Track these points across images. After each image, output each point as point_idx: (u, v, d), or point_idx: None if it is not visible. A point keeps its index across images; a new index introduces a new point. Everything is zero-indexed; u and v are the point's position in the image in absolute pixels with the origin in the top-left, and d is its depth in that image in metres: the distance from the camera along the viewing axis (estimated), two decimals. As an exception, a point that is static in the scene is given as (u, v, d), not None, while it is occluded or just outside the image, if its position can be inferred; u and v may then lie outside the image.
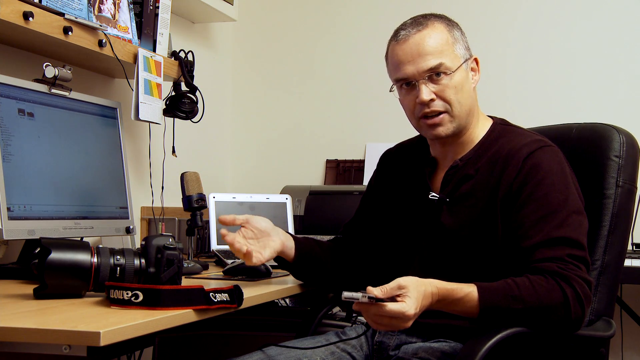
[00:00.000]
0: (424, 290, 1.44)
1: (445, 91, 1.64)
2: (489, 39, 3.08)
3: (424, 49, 1.64)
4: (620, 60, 3.00)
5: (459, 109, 1.66)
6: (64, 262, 1.41)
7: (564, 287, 1.46)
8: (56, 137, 1.94)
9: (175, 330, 1.48)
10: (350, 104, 3.35)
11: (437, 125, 1.67)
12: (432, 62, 1.64)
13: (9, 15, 1.81)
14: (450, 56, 1.65)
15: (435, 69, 1.64)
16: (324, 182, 3.31)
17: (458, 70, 1.65)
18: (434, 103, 1.65)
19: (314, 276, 1.83)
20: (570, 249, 1.51)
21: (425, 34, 1.65)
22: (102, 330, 1.13)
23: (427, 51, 1.64)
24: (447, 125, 1.67)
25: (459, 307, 1.49)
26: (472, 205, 1.64)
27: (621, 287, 2.72)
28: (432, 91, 1.64)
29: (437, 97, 1.65)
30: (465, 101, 1.67)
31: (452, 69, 1.64)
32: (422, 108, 1.66)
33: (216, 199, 2.38)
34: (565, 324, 1.47)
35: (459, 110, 1.66)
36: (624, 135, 1.75)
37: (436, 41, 1.65)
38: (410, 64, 1.65)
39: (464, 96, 1.67)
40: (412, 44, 1.65)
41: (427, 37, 1.65)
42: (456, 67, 1.65)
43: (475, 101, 1.72)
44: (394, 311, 1.39)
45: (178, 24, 2.99)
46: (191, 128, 2.85)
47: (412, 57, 1.65)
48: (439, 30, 1.67)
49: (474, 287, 1.49)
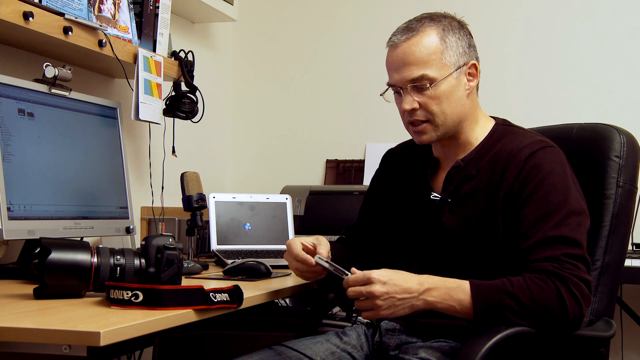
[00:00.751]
0: (407, 273, 1.52)
1: (428, 102, 1.65)
2: (489, 39, 3.08)
3: (408, 59, 1.64)
4: (620, 60, 3.00)
5: (443, 118, 1.66)
6: (64, 262, 1.40)
7: (559, 286, 1.46)
8: (56, 137, 1.94)
9: (175, 330, 1.48)
10: (350, 104, 3.35)
11: (420, 133, 1.68)
12: (415, 72, 1.63)
13: (9, 15, 1.81)
14: (436, 66, 1.63)
15: (417, 80, 1.63)
16: (324, 182, 3.31)
17: (445, 80, 1.64)
18: (417, 112, 1.66)
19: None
20: (567, 248, 1.51)
21: (413, 42, 1.64)
22: (102, 330, 1.13)
23: (410, 61, 1.64)
24: (430, 133, 1.68)
25: (453, 299, 1.50)
26: (473, 205, 1.64)
27: (621, 287, 2.72)
28: (415, 100, 1.65)
29: (420, 107, 1.65)
30: (451, 110, 1.66)
31: (437, 79, 1.63)
32: (407, 115, 1.68)
33: (216, 199, 2.38)
34: (563, 323, 1.47)
35: (443, 120, 1.66)
36: (625, 136, 1.75)
37: (422, 51, 1.63)
38: (396, 72, 1.66)
39: (451, 105, 1.66)
40: (400, 52, 1.65)
41: (413, 47, 1.64)
42: (442, 77, 1.64)
43: (471, 106, 1.70)
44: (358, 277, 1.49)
45: (178, 24, 2.99)
46: (191, 128, 2.85)
47: (398, 66, 1.66)
48: (429, 38, 1.64)
49: (466, 282, 1.51)
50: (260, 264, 1.92)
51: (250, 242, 2.39)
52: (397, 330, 1.70)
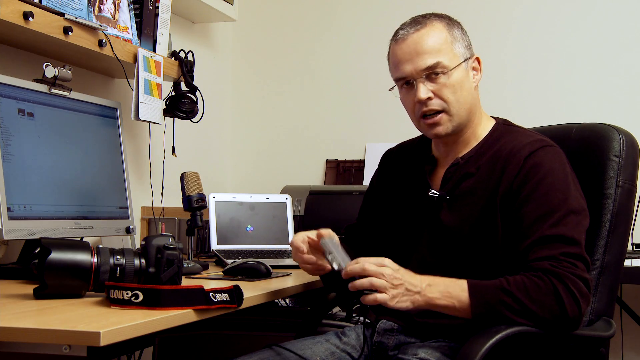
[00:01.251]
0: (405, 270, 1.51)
1: (443, 90, 1.65)
2: (489, 39, 3.08)
3: (422, 48, 1.65)
4: (620, 60, 3.00)
5: (457, 107, 1.66)
6: (64, 262, 1.41)
7: (556, 284, 1.46)
8: (56, 137, 1.94)
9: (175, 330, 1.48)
10: (350, 104, 3.35)
11: (436, 125, 1.67)
12: (429, 60, 1.64)
13: (9, 15, 1.81)
14: (448, 55, 1.66)
15: (432, 68, 1.64)
16: (324, 182, 3.31)
17: (456, 68, 1.66)
18: (432, 102, 1.66)
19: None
20: (565, 246, 1.51)
21: (424, 33, 1.66)
22: (102, 330, 1.13)
23: (424, 50, 1.65)
24: (446, 124, 1.67)
25: (451, 296, 1.50)
26: (472, 203, 1.64)
27: (621, 287, 2.72)
28: (429, 90, 1.65)
29: (435, 96, 1.65)
30: (464, 100, 1.67)
31: (450, 67, 1.65)
32: (421, 107, 1.67)
33: (216, 199, 2.38)
34: (561, 322, 1.47)
35: (457, 109, 1.66)
36: (624, 135, 1.75)
37: (434, 40, 1.66)
38: (408, 63, 1.66)
39: (463, 95, 1.67)
40: (410, 42, 1.66)
41: (424, 36, 1.66)
42: (454, 66, 1.65)
43: (477, 100, 1.72)
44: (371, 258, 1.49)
45: (178, 24, 2.99)
46: (191, 128, 2.85)
47: (410, 56, 1.66)
48: (438, 29, 1.67)
49: (463, 280, 1.52)
50: (260, 264, 1.92)
51: (250, 242, 2.39)
52: (395, 331, 1.70)
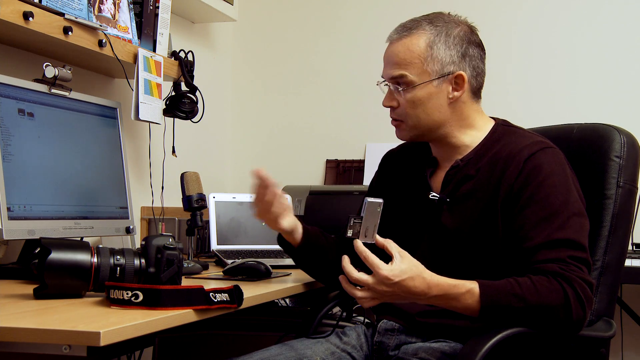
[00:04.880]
0: (421, 272, 1.48)
1: (403, 104, 1.69)
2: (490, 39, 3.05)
3: (394, 58, 1.69)
4: (621, 61, 3.00)
5: (416, 122, 1.69)
6: (64, 262, 1.40)
7: (566, 287, 1.46)
8: (56, 137, 1.94)
9: (175, 330, 1.48)
10: (350, 104, 3.35)
11: (396, 129, 1.74)
12: (395, 72, 1.68)
13: (9, 15, 1.80)
14: (416, 70, 1.66)
15: (396, 79, 1.68)
16: (324, 182, 3.31)
17: (422, 85, 1.65)
18: (393, 110, 1.72)
19: (316, 266, 1.82)
20: (572, 250, 1.51)
21: (402, 43, 1.68)
22: (102, 330, 1.13)
23: (394, 60, 1.68)
24: (403, 132, 1.73)
25: (460, 304, 1.49)
26: (472, 205, 1.64)
27: (621, 287, 2.72)
28: (395, 98, 1.70)
29: (398, 107, 1.70)
30: (426, 116, 1.68)
31: (415, 83, 1.66)
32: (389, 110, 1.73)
33: (216, 199, 2.38)
34: (566, 325, 1.47)
35: (416, 123, 1.69)
36: (625, 136, 1.75)
37: (407, 53, 1.67)
38: (385, 67, 1.72)
39: (426, 111, 1.67)
40: (390, 48, 1.71)
41: (400, 47, 1.68)
42: (420, 82, 1.66)
43: (457, 114, 1.69)
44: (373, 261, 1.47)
45: (178, 24, 2.98)
46: (191, 128, 2.85)
47: (386, 62, 1.71)
48: (418, 41, 1.66)
49: (475, 284, 1.49)
50: (260, 264, 1.92)
51: (250, 242, 2.39)
52: (396, 330, 1.70)
